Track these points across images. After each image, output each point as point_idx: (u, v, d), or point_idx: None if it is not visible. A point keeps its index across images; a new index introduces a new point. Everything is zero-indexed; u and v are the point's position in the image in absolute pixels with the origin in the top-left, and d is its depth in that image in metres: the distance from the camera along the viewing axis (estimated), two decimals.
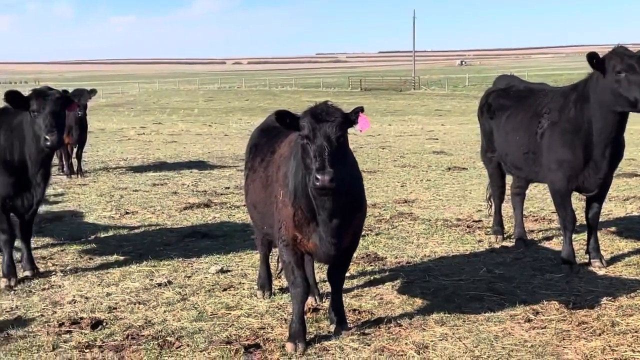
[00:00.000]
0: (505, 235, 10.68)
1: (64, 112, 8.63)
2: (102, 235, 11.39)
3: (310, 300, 7.44)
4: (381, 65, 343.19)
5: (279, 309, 7.64)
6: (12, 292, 8.43)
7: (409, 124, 41.04)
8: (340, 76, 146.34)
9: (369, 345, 6.57)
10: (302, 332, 6.58)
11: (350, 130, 6.13)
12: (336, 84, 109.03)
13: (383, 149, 24.72)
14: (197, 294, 8.22)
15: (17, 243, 9.21)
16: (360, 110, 6.17)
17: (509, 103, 10.07)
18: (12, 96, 8.48)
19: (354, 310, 7.53)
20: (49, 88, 8.73)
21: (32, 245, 9.55)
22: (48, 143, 8.27)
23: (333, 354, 6.43)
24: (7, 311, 7.70)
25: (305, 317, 6.79)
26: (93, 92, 18.52)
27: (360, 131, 6.22)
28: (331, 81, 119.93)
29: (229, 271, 9.17)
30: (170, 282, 8.65)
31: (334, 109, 6.06)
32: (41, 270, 9.27)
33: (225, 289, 8.36)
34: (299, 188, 6.26)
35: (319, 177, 5.72)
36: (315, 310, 7.53)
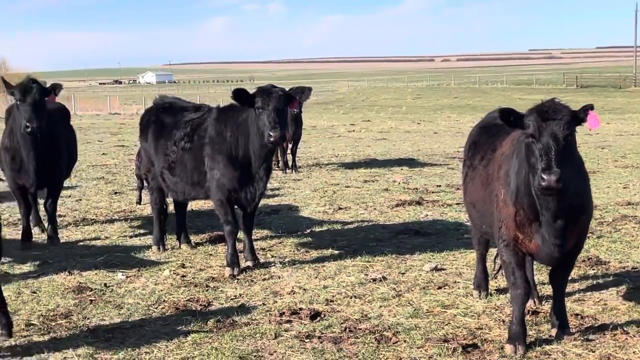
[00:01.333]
0: None
1: (286, 109, 8.95)
2: (317, 230, 11.70)
3: (529, 303, 7.22)
4: (599, 61, 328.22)
5: (496, 309, 7.48)
6: (236, 280, 8.84)
7: (629, 122, 38.95)
8: (554, 73, 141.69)
9: (593, 352, 6.27)
10: (522, 334, 6.40)
11: None
12: (550, 81, 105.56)
13: (602, 148, 23.62)
14: (412, 290, 8.23)
15: (240, 234, 9.65)
16: (589, 107, 5.91)
17: None
18: (239, 93, 8.91)
19: (576, 314, 7.22)
20: (272, 86, 9.07)
21: (253, 237, 9.95)
22: (271, 139, 8.60)
23: (555, 359, 6.20)
24: (232, 299, 8.09)
25: (525, 319, 6.61)
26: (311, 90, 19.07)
27: (590, 129, 5.96)
28: (544, 78, 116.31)
29: (443, 269, 9.10)
30: (384, 278, 8.72)
31: (562, 107, 5.85)
32: (261, 260, 9.66)
33: (440, 287, 8.31)
34: (522, 187, 6.09)
35: (544, 177, 5.54)
36: (535, 313, 7.29)
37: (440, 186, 16.11)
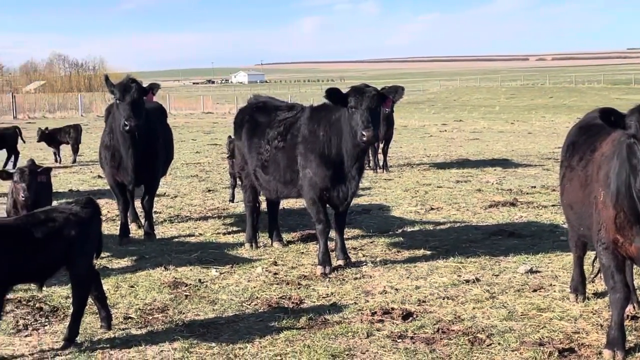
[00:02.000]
0: None
1: (379, 109, 8.92)
2: (409, 230, 11.64)
3: (629, 307, 6.99)
4: None
5: (594, 313, 7.28)
6: (327, 279, 8.86)
7: None
8: None
9: None
10: (621, 339, 6.20)
11: None
12: None
13: None
14: (506, 292, 8.09)
15: (331, 233, 9.68)
16: None
17: None
18: (332, 93, 8.93)
19: None
20: (366, 85, 9.06)
21: (344, 236, 9.95)
22: (364, 138, 8.59)
23: None
24: (323, 297, 8.11)
25: (624, 324, 6.41)
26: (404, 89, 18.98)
27: None
28: None
29: (539, 272, 8.91)
30: (478, 279, 8.60)
31: None
32: (353, 259, 9.66)
33: (535, 290, 8.13)
34: (622, 189, 5.90)
35: None
36: (634, 318, 7.06)
37: (535, 187, 15.80)
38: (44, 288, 7.39)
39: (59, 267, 6.60)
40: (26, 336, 6.89)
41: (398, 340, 6.64)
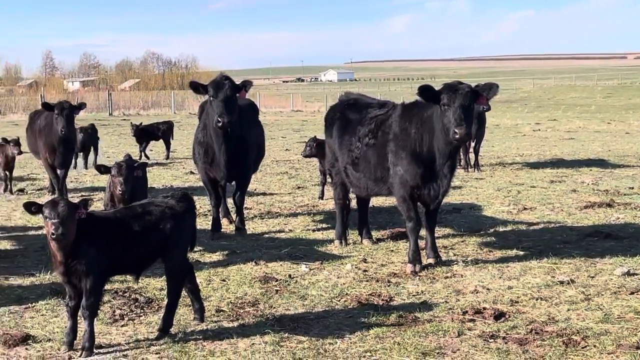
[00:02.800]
0: None
1: (473, 106, 8.79)
2: (501, 229, 11.45)
3: None
4: None
5: None
6: (417, 277, 8.80)
7: None
8: None
9: None
10: None
11: None
12: None
13: None
14: (602, 295, 7.85)
15: (421, 232, 9.60)
16: None
17: None
18: (425, 90, 8.85)
19: None
20: (459, 82, 8.94)
21: (435, 235, 9.85)
22: (457, 136, 8.48)
23: None
24: (413, 295, 8.05)
25: None
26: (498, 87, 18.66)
27: None
28: None
29: (636, 274, 8.62)
30: (572, 281, 8.38)
31: None
32: (443, 258, 9.56)
33: (632, 293, 7.87)
34: None
35: None
36: None
37: (632, 188, 15.33)
38: (139, 280, 7.60)
39: (154, 259, 6.76)
40: (122, 326, 7.07)
41: (490, 340, 6.53)
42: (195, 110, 48.75)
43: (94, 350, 6.32)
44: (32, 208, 6.21)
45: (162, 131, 23.77)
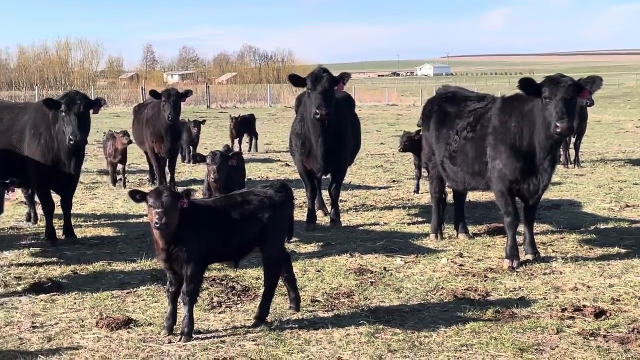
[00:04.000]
0: None
1: (576, 100, 8.58)
2: (602, 227, 11.15)
3: None
4: None
5: None
6: (515, 273, 8.66)
7: None
8: None
9: None
10: None
11: None
12: None
13: None
14: None
15: (520, 227, 9.42)
16: None
17: None
18: (526, 83, 8.66)
19: None
20: (561, 75, 8.72)
21: (534, 231, 9.67)
22: (558, 130, 8.28)
23: None
24: (511, 291, 7.94)
25: None
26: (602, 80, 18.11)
27: None
28: None
29: None
30: None
31: None
32: (542, 255, 9.37)
33: None
34: None
35: None
36: None
37: None
38: (237, 269, 7.73)
39: (253, 248, 6.86)
40: (220, 313, 7.22)
41: (590, 339, 6.38)
42: (291, 103, 49.22)
43: (193, 335, 6.47)
44: (137, 196, 6.39)
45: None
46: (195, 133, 18.33)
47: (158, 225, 6.13)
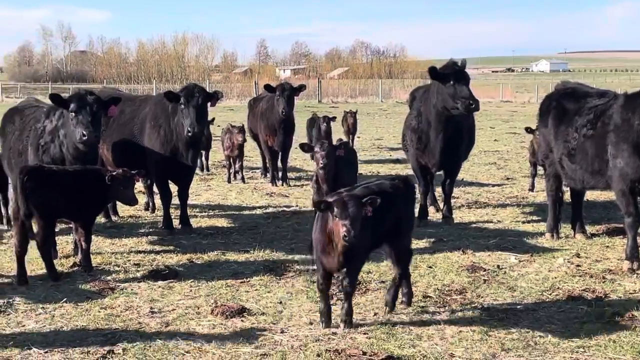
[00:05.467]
0: None
1: None
2: None
3: None
4: None
5: None
6: (635, 275, 8.38)
7: None
8: None
9: None
10: None
11: None
12: None
13: None
14: None
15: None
16: None
17: None
18: None
19: None
20: None
21: None
22: None
23: None
24: (630, 293, 7.69)
25: None
26: None
27: None
28: None
29: None
30: None
31: None
32: None
33: None
34: None
35: None
36: None
37: None
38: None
39: (384, 241, 6.86)
40: (333, 304, 7.26)
41: None
42: (402, 98, 49.06)
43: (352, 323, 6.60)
44: (321, 206, 6.17)
45: (347, 121, 23.76)
46: (324, 129, 18.49)
47: (347, 239, 5.94)
